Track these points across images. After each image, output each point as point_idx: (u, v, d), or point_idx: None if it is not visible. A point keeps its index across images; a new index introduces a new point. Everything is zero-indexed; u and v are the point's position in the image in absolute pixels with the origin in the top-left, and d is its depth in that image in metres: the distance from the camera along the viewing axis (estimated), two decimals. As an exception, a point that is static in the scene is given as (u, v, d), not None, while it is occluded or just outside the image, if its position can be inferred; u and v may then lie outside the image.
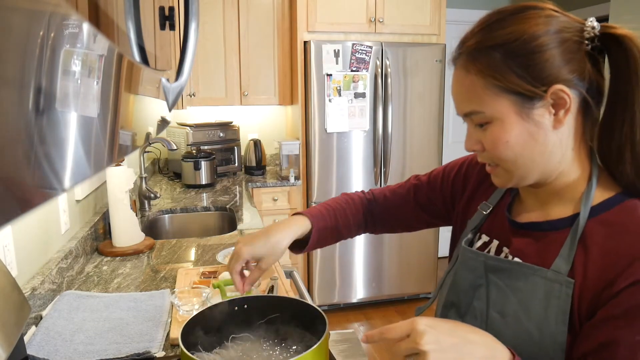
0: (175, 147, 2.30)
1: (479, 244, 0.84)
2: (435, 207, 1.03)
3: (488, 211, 0.85)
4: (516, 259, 0.75)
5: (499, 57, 0.67)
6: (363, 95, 3.16)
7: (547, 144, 0.69)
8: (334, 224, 1.04)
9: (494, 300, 0.76)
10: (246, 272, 1.02)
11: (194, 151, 3.07)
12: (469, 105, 0.72)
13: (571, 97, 0.66)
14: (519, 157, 0.70)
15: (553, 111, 0.68)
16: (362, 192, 1.13)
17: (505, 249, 0.79)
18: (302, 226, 1.00)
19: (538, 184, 0.74)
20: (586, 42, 0.67)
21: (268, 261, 0.97)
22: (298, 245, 1.04)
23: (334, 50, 3.07)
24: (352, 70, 3.11)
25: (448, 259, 0.95)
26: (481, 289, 0.78)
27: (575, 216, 0.71)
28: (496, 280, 0.76)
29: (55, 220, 1.52)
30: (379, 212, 1.09)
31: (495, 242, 0.82)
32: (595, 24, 0.67)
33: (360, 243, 3.33)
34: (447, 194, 0.99)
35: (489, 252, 0.82)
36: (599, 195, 0.71)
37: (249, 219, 2.32)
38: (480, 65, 0.69)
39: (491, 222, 0.85)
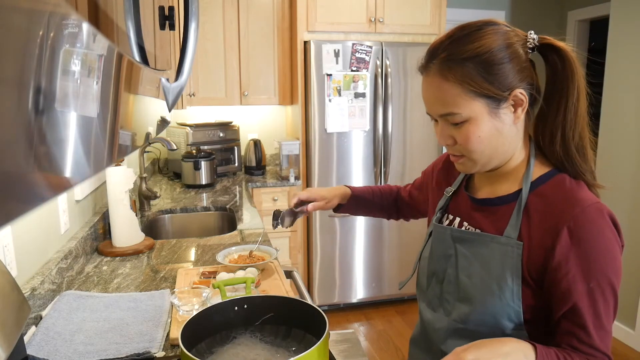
0: (175, 147, 2.30)
1: (446, 222, 1.00)
2: (415, 199, 1.26)
3: (450, 194, 1.02)
4: (477, 230, 0.92)
5: (472, 67, 0.80)
6: (363, 95, 3.16)
7: (508, 136, 0.86)
8: (369, 197, 1.33)
9: (462, 265, 0.91)
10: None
11: (193, 151, 3.07)
12: (446, 108, 0.84)
13: (526, 97, 0.83)
14: (486, 148, 0.85)
15: (513, 110, 0.84)
16: (396, 187, 1.38)
17: (466, 223, 0.95)
18: (346, 190, 1.32)
19: (493, 168, 0.90)
20: (529, 50, 0.84)
21: (332, 202, 1.30)
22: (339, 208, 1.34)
23: (334, 50, 3.07)
24: (352, 70, 3.11)
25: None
26: (452, 257, 0.94)
27: (518, 192, 0.88)
28: (462, 249, 0.92)
29: (55, 221, 1.52)
30: (402, 205, 1.34)
31: (458, 219, 0.98)
32: (535, 36, 0.85)
33: (360, 243, 3.33)
34: (426, 189, 1.19)
35: (453, 226, 0.98)
36: (536, 172, 0.88)
37: (248, 219, 2.32)
38: (456, 73, 0.81)
39: (454, 203, 1.01)
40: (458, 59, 0.81)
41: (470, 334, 0.88)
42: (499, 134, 0.84)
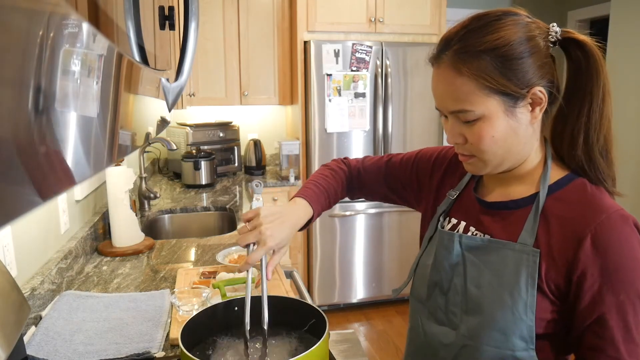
0: (175, 147, 2.29)
1: (448, 226, 0.93)
2: (401, 187, 1.09)
3: (455, 196, 0.94)
4: (487, 236, 0.85)
5: (489, 61, 0.74)
6: (363, 95, 3.15)
7: (524, 137, 0.79)
8: (327, 203, 1.09)
9: (471, 274, 0.84)
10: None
11: (193, 151, 3.07)
12: (458, 104, 0.77)
13: (546, 96, 0.76)
14: (500, 149, 0.78)
15: (530, 109, 0.77)
16: (340, 162, 1.16)
17: (472, 228, 0.88)
18: (308, 213, 1.01)
19: (506, 170, 0.84)
20: (550, 44, 0.78)
21: (283, 251, 0.98)
22: None
23: (334, 50, 3.07)
24: (352, 70, 3.11)
25: (419, 244, 1.03)
26: (459, 266, 0.87)
27: (534, 195, 0.82)
28: (471, 256, 0.85)
29: (55, 220, 1.52)
30: (356, 185, 1.15)
31: (463, 224, 0.90)
32: (557, 29, 0.78)
33: (360, 243, 3.33)
34: (414, 179, 1.06)
35: (457, 232, 0.90)
36: (553, 175, 0.82)
37: (248, 219, 2.32)
38: (471, 67, 0.75)
39: (459, 206, 0.94)
40: (474, 51, 0.74)
41: (480, 354, 0.81)
42: (514, 134, 0.78)
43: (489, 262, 0.82)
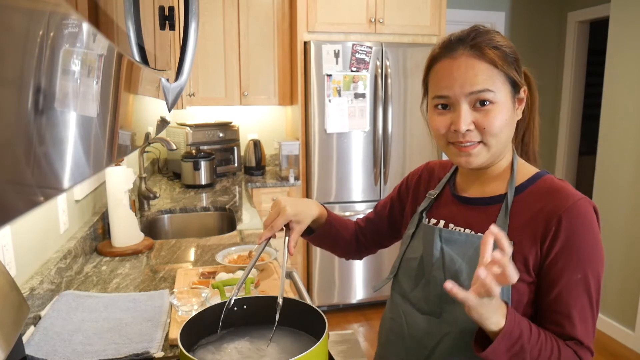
0: (174, 147, 2.29)
1: (430, 225, 0.99)
2: (398, 216, 1.17)
3: (435, 196, 1.03)
4: (467, 231, 0.92)
5: (502, 56, 0.85)
6: (363, 95, 3.16)
7: (513, 129, 0.90)
8: (336, 229, 1.17)
9: (448, 267, 0.91)
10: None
11: (193, 151, 3.07)
12: (483, 84, 0.84)
13: (525, 98, 0.91)
14: (503, 136, 0.87)
15: (517, 105, 0.90)
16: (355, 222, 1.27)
17: (452, 225, 0.95)
18: (321, 208, 1.14)
19: (488, 166, 0.92)
20: None
21: (302, 226, 1.07)
22: (306, 230, 1.14)
23: (334, 51, 3.07)
24: (352, 71, 3.11)
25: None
26: (438, 260, 0.93)
27: (506, 194, 0.91)
28: (450, 251, 0.92)
29: (54, 220, 1.52)
30: (361, 237, 1.23)
31: (442, 222, 0.97)
32: None
33: (359, 243, 3.33)
34: (396, 204, 1.17)
35: (438, 227, 0.97)
36: (524, 174, 0.92)
37: (248, 219, 2.32)
38: (491, 56, 0.84)
39: (438, 205, 1.02)
40: (490, 45, 0.85)
41: (461, 340, 0.88)
42: (513, 123, 0.89)
43: (466, 255, 0.89)
